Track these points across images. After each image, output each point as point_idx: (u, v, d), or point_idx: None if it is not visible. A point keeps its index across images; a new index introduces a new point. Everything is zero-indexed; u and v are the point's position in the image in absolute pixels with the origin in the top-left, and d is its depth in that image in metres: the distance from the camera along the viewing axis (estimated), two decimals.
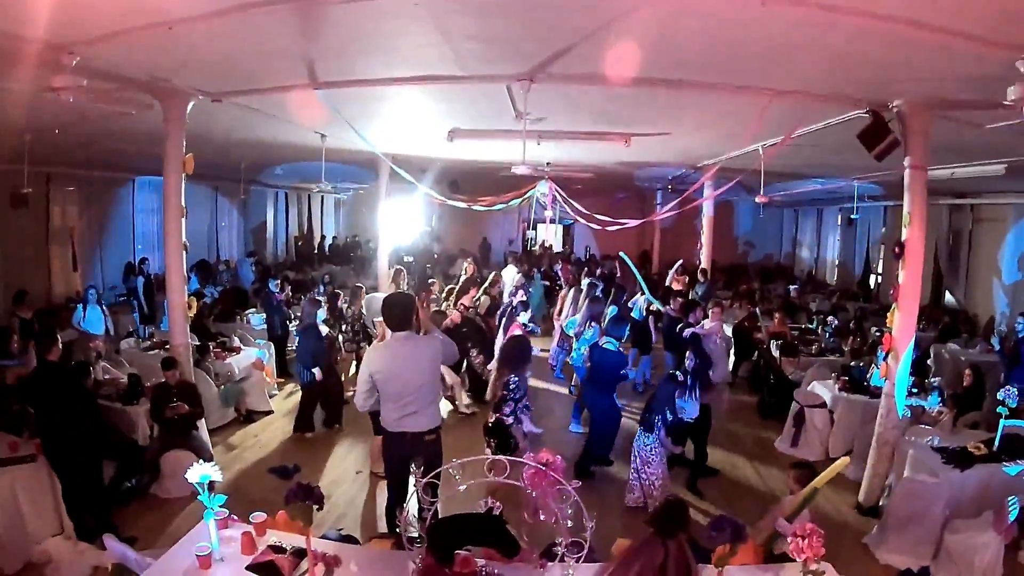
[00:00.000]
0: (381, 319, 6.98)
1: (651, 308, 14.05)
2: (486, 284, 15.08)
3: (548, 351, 15.56)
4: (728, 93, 7.91)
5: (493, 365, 11.79)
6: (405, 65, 7.40)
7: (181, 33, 5.99)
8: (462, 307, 13.19)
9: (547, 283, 20.87)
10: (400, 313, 6.53)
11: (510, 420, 8.15)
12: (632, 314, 14.31)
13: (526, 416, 8.90)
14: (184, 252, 9.56)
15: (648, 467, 8.57)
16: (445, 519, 4.87)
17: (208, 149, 13.17)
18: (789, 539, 4.60)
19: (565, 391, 13.93)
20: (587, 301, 13.54)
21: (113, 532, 6.27)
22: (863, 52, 6.07)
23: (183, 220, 9.43)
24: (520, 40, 6.34)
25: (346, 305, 13.76)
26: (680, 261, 18.20)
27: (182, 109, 8.93)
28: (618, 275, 19.00)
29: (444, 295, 14.54)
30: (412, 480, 6.55)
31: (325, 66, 7.58)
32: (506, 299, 14.58)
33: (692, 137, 11.91)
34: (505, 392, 8.14)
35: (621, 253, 17.50)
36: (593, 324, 11.35)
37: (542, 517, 4.67)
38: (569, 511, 4.55)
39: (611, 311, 13.47)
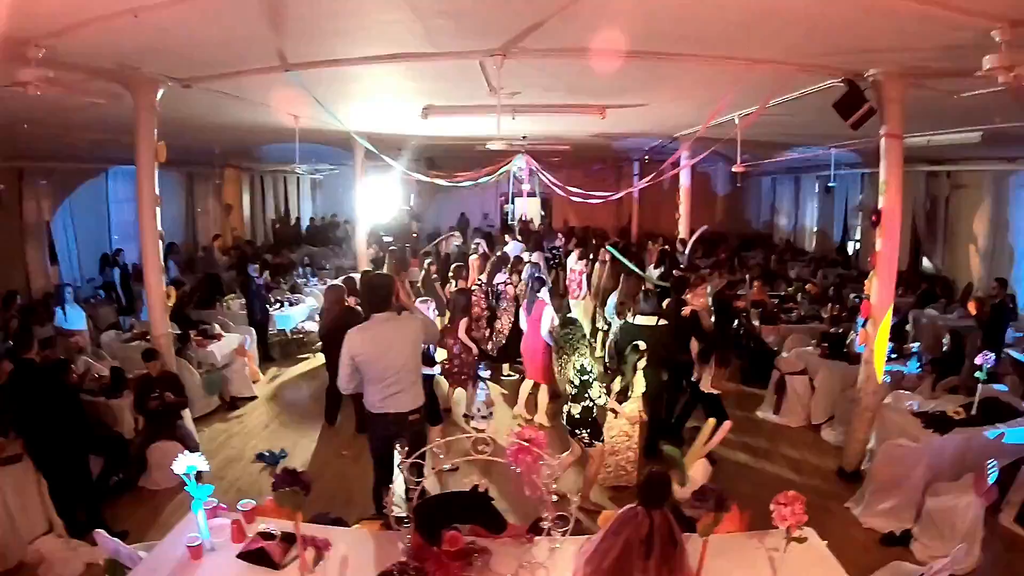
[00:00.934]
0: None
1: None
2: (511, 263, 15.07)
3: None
4: (702, 63, 7.89)
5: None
6: (376, 43, 7.37)
7: (147, 20, 5.91)
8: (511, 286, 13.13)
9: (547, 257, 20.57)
10: (380, 294, 6.53)
11: (602, 401, 8.10)
12: None
13: None
14: (160, 241, 9.51)
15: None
16: (431, 498, 4.92)
17: (181, 135, 13.09)
18: (772, 507, 4.65)
19: None
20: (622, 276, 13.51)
21: (103, 527, 6.24)
22: (838, 21, 6.07)
23: (158, 209, 9.37)
24: (491, 15, 6.28)
25: None
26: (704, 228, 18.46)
27: (152, 97, 8.85)
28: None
29: (452, 274, 14.18)
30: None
31: (294, 48, 7.51)
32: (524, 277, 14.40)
33: (668, 107, 11.89)
34: (584, 376, 8.08)
35: (609, 247, 17.44)
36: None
37: (528, 493, 4.70)
38: (554, 486, 4.59)
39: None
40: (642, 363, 8.45)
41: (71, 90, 7.68)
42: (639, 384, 8.46)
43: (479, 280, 13.76)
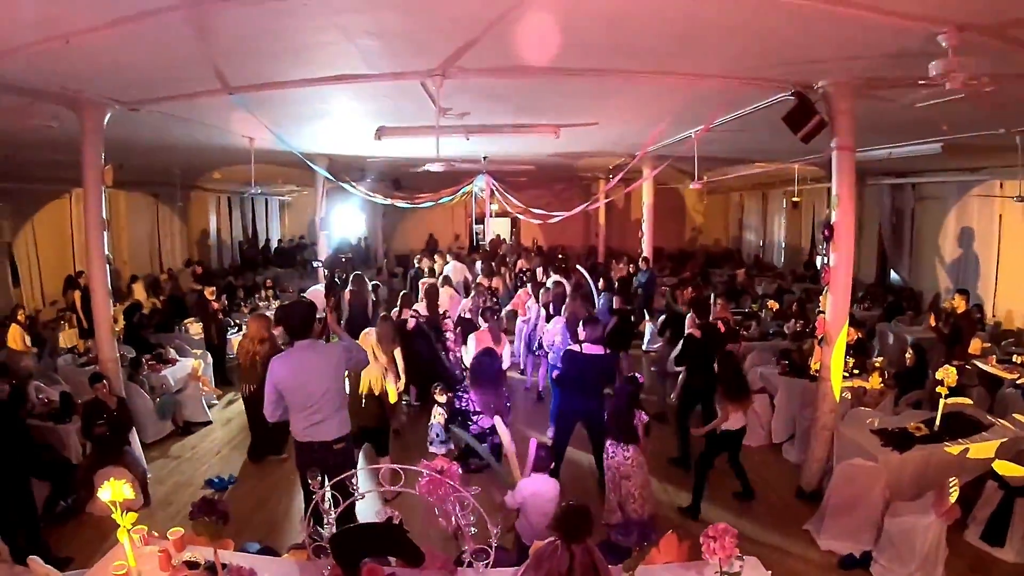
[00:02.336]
0: None
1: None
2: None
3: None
4: (647, 79, 7.83)
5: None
6: (314, 65, 7.29)
7: (81, 45, 5.88)
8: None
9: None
10: (300, 320, 6.42)
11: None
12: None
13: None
14: (108, 266, 9.39)
15: (628, 480, 7.66)
16: (346, 530, 4.80)
17: (138, 157, 12.98)
18: (702, 539, 4.53)
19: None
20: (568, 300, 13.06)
21: (44, 552, 6.22)
22: (781, 31, 6.02)
23: (106, 233, 9.32)
24: (422, 35, 6.23)
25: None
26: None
27: (98, 120, 8.83)
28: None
29: (399, 302, 13.75)
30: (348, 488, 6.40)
31: (235, 71, 7.46)
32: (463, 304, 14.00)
33: (620, 125, 11.79)
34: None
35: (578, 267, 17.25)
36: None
37: (443, 524, 4.63)
38: (472, 518, 4.51)
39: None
40: None
41: (17, 114, 7.62)
42: None
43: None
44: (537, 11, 5.51)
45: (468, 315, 12.66)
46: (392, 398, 8.85)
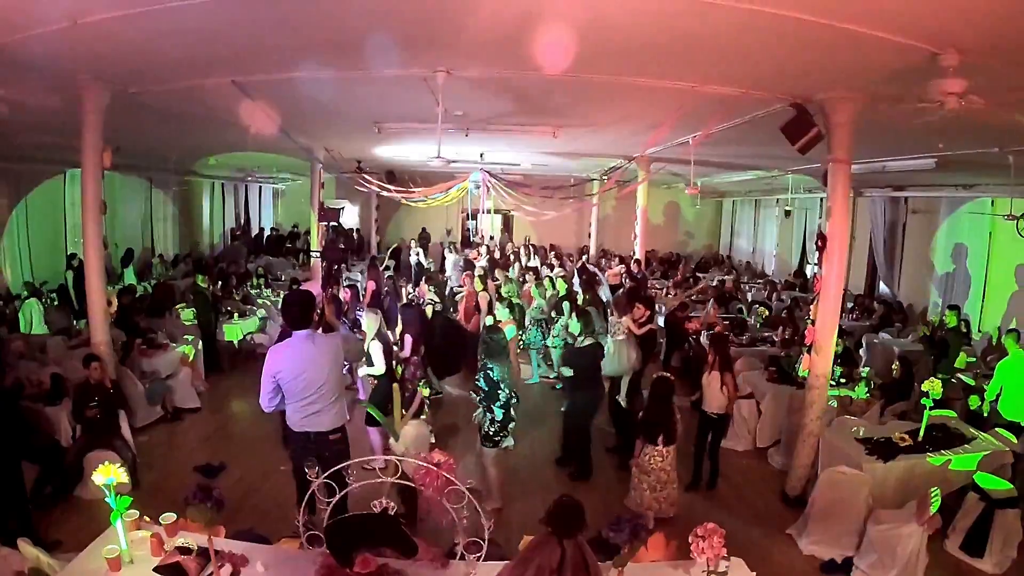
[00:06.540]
0: None
1: None
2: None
3: None
4: (649, 87, 7.87)
5: None
6: (317, 58, 7.30)
7: (87, 29, 5.90)
8: None
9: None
10: (299, 311, 6.43)
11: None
12: None
13: None
14: (104, 249, 9.37)
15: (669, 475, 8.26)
16: (340, 520, 4.83)
17: (136, 141, 12.92)
18: (690, 538, 4.59)
19: None
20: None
21: (33, 536, 6.17)
22: (785, 46, 6.09)
23: (104, 216, 9.31)
24: (422, 32, 6.29)
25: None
26: None
27: (99, 102, 8.75)
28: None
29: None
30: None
31: (240, 60, 7.46)
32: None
33: (618, 128, 11.82)
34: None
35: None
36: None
37: (435, 516, 4.68)
38: (465, 512, 4.54)
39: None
40: None
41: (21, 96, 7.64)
42: None
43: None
44: (549, 18, 5.59)
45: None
46: None
